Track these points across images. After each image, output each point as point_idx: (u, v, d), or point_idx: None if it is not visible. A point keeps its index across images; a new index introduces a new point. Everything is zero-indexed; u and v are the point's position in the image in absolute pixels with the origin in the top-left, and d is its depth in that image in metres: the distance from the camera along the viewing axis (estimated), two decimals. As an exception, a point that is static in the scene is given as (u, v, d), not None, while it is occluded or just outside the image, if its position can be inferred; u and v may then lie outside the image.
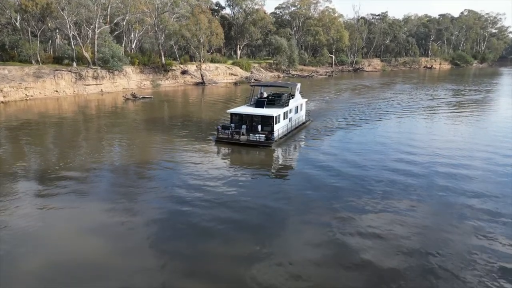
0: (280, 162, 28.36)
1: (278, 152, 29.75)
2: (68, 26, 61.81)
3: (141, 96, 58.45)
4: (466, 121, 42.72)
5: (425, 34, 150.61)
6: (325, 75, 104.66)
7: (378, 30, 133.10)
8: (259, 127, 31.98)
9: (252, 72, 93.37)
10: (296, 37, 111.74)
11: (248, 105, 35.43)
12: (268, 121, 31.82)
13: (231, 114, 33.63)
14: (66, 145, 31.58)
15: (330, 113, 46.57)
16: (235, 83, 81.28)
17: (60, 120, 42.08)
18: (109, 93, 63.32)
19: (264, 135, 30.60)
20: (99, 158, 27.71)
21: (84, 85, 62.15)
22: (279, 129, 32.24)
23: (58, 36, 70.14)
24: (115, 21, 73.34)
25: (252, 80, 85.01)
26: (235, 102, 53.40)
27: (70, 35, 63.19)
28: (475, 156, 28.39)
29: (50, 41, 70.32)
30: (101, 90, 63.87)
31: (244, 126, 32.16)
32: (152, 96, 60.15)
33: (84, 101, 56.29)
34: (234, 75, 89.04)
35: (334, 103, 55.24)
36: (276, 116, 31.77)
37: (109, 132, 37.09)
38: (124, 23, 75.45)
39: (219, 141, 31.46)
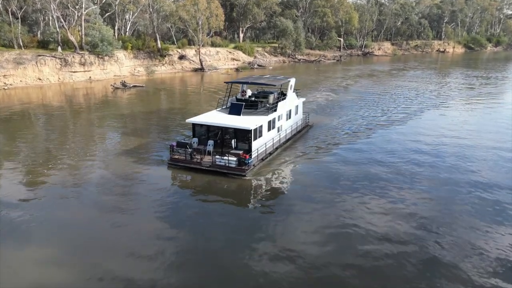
0: (254, 210, 18.35)
1: (255, 186, 20.58)
2: (51, 7, 55.83)
3: (132, 85, 52.78)
4: None
5: (438, 16, 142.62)
6: (333, 59, 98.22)
7: (389, 11, 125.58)
8: (233, 142, 23.13)
9: (255, 57, 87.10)
10: (303, 19, 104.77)
11: (220, 110, 26.13)
12: (245, 136, 22.85)
13: (193, 124, 24.21)
14: (35, 148, 26.58)
15: (340, 107, 40.72)
16: (237, 69, 75.08)
17: (41, 113, 36.83)
18: (99, 81, 57.73)
19: (236, 158, 21.40)
20: (55, 172, 22.53)
21: (71, 72, 56.50)
22: (260, 147, 23.17)
23: (50, 18, 63.79)
24: (104, 0, 67.04)
25: (255, 66, 78.93)
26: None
27: (54, 16, 57.29)
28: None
29: (36, 23, 64.45)
30: (90, 77, 58.19)
31: (211, 142, 23.13)
32: (144, 85, 54.38)
33: (70, 90, 50.90)
34: (236, 60, 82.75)
35: (346, 94, 49.41)
36: (255, 129, 22.76)
37: (77, 135, 31.84)
38: (117, 3, 69.22)
39: (173, 165, 22.55)
